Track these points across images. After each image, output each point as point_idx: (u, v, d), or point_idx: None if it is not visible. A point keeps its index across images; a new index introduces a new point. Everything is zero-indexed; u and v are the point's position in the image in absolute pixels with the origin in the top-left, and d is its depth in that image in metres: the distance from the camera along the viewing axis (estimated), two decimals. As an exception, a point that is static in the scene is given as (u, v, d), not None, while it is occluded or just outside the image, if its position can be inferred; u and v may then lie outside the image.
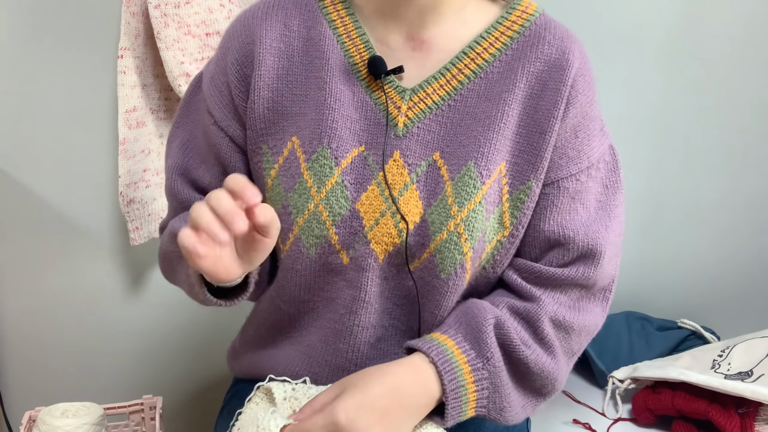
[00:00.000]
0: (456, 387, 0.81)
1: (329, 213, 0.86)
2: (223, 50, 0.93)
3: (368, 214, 0.86)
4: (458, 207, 0.84)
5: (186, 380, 1.60)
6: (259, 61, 0.89)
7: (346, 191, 0.86)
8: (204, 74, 0.97)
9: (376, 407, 0.77)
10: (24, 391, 1.52)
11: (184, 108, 0.99)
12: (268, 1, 0.93)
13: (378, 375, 0.80)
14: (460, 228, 0.84)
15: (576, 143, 0.88)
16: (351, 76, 0.89)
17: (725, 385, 1.12)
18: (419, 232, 0.86)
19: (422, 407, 0.81)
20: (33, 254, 1.46)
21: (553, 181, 0.87)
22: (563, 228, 0.88)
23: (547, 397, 0.91)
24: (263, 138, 0.90)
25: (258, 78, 0.89)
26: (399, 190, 0.86)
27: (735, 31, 1.48)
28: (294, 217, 0.87)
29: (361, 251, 0.86)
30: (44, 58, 1.36)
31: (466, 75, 0.88)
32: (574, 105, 0.87)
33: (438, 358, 0.81)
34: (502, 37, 0.89)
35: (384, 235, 0.86)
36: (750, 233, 1.59)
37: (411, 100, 0.88)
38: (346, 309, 0.89)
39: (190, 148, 0.96)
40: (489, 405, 0.84)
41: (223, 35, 0.95)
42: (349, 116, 0.88)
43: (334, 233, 0.86)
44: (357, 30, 0.90)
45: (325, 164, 0.86)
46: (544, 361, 0.86)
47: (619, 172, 0.93)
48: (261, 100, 0.89)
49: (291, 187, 0.88)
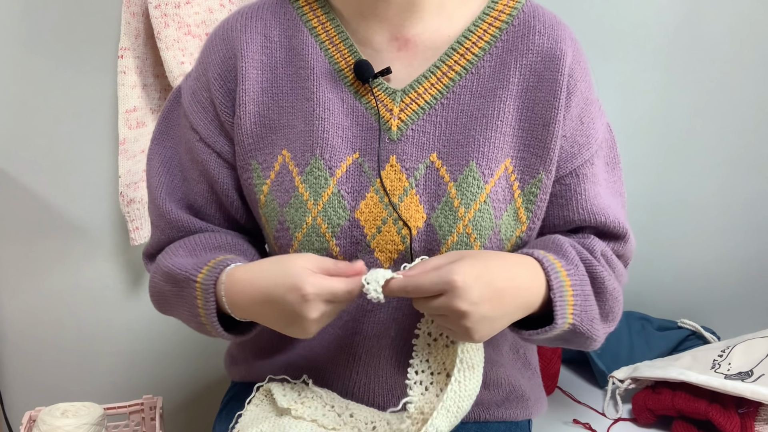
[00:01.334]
0: (560, 286, 0.79)
1: (328, 224, 0.84)
2: (203, 65, 0.91)
3: (369, 222, 0.85)
4: (465, 208, 0.83)
5: (186, 380, 1.60)
6: (243, 75, 0.87)
7: (343, 201, 0.84)
8: (183, 89, 0.94)
9: (493, 285, 0.74)
10: (24, 391, 1.52)
11: (163, 124, 0.96)
12: (245, 11, 0.91)
13: (499, 256, 0.80)
14: (468, 229, 0.83)
15: (583, 129, 0.88)
16: (338, 82, 0.87)
17: (725, 385, 1.12)
18: (425, 237, 0.84)
19: (529, 304, 0.79)
20: (33, 254, 1.46)
21: (570, 170, 0.88)
22: (594, 214, 0.88)
23: (612, 326, 0.89)
24: (252, 154, 0.88)
25: (243, 93, 0.87)
26: (399, 195, 0.85)
27: (735, 31, 1.48)
28: (292, 233, 0.86)
29: (365, 260, 0.84)
30: (44, 58, 1.36)
31: (457, 72, 0.86)
32: (575, 94, 0.86)
33: (542, 258, 0.80)
34: (490, 29, 0.87)
35: (387, 242, 0.85)
36: (750, 233, 1.59)
37: (402, 101, 0.86)
38: (350, 317, 0.89)
39: (173, 165, 0.94)
40: (582, 314, 0.82)
41: (202, 49, 0.92)
42: (340, 124, 0.86)
43: (335, 245, 0.85)
44: (339, 35, 0.88)
45: (320, 175, 0.84)
46: (612, 280, 0.86)
47: (616, 147, 0.95)
48: (247, 115, 0.87)
49: (286, 201, 0.86)
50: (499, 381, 0.96)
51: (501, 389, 0.96)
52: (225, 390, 1.09)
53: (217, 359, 1.51)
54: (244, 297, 0.79)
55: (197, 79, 0.91)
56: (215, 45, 0.90)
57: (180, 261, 0.86)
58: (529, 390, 1.00)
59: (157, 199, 0.92)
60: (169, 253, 0.89)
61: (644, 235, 1.60)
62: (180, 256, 0.87)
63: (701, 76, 1.51)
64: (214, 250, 0.88)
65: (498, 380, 0.96)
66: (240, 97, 0.87)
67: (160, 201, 0.92)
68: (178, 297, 0.86)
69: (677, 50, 1.50)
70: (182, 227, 0.92)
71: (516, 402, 0.97)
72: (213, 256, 0.85)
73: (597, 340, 0.86)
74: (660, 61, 1.50)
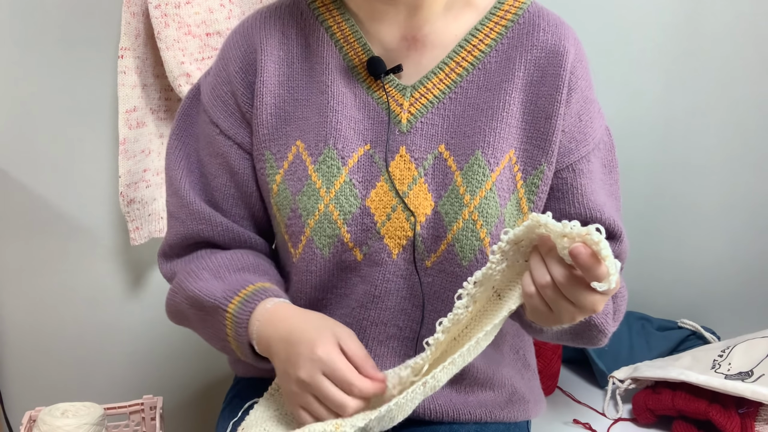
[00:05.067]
0: None
1: (340, 212, 0.87)
2: (224, 61, 0.94)
3: (379, 210, 0.87)
4: (470, 195, 0.86)
5: (186, 380, 1.60)
6: (262, 68, 0.91)
7: (354, 189, 0.87)
8: (202, 86, 0.97)
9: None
10: (24, 391, 1.52)
11: (183, 119, 0.98)
12: (264, 11, 0.95)
13: None
14: (474, 215, 0.86)
15: (581, 126, 0.90)
16: (351, 78, 0.91)
17: (725, 385, 1.12)
18: (433, 224, 0.87)
19: None
20: (33, 254, 1.46)
21: (567, 165, 0.90)
22: (589, 209, 0.90)
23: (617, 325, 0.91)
24: (266, 144, 0.91)
25: (261, 84, 0.91)
26: (408, 184, 0.88)
27: (735, 30, 1.48)
28: (305, 219, 0.88)
29: (374, 247, 0.88)
30: (44, 58, 1.36)
31: (464, 67, 0.90)
32: (575, 90, 0.89)
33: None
34: (496, 27, 0.90)
35: (397, 229, 0.87)
36: (750, 233, 1.59)
37: (412, 96, 0.89)
38: (357, 303, 0.90)
39: (192, 160, 0.96)
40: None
41: (222, 47, 0.96)
42: (353, 117, 0.89)
43: (346, 231, 0.87)
44: (354, 34, 0.91)
45: (333, 164, 0.87)
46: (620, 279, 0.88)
47: (614, 151, 0.96)
48: (264, 107, 0.91)
49: (299, 190, 0.88)
50: (502, 382, 0.96)
51: (503, 390, 0.97)
52: (225, 390, 1.09)
53: (218, 359, 1.51)
54: (273, 331, 0.81)
55: (217, 75, 0.95)
56: (236, 41, 0.94)
57: (206, 286, 0.87)
58: (528, 392, 1.00)
59: (181, 190, 0.94)
60: (193, 276, 0.90)
61: (644, 235, 1.60)
62: (204, 279, 0.89)
63: (701, 76, 1.51)
64: (239, 272, 0.90)
65: (501, 381, 0.96)
66: (258, 88, 0.91)
67: (184, 192, 0.94)
68: (203, 321, 0.89)
69: (677, 50, 1.50)
70: (204, 218, 0.93)
71: (516, 403, 0.98)
72: (241, 281, 0.87)
73: (607, 336, 0.89)
74: (660, 61, 1.51)
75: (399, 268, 0.88)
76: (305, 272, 0.90)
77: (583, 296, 0.69)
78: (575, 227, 0.67)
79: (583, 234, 0.66)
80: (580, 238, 0.66)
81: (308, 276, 0.90)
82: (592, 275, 0.66)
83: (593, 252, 0.65)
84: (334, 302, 0.92)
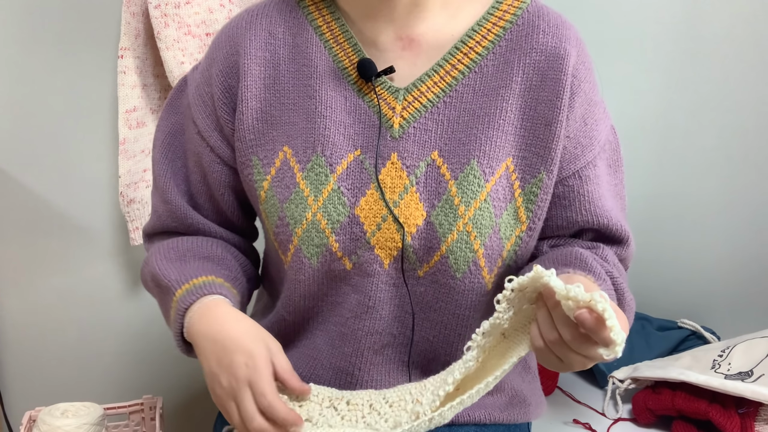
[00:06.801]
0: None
1: (328, 221, 0.85)
2: (209, 61, 0.93)
3: (369, 219, 0.85)
4: (465, 206, 0.83)
5: (186, 380, 1.60)
6: (245, 72, 0.89)
7: (343, 197, 0.85)
8: (189, 80, 0.96)
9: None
10: (24, 391, 1.52)
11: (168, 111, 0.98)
12: (252, 10, 0.92)
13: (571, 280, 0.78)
14: (468, 227, 0.83)
15: (586, 130, 0.88)
16: (341, 80, 0.88)
17: (725, 385, 1.12)
18: (425, 235, 0.84)
19: None
20: (33, 254, 1.46)
21: (573, 172, 0.88)
22: (597, 216, 0.89)
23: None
24: (253, 149, 0.89)
25: (245, 89, 0.88)
26: (399, 193, 0.85)
27: (735, 31, 1.48)
28: (292, 228, 0.86)
29: (365, 257, 0.85)
30: (44, 58, 1.36)
31: (460, 70, 0.86)
32: (578, 94, 0.86)
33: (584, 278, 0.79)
34: (494, 28, 0.87)
35: (387, 240, 0.85)
36: (750, 233, 1.59)
37: (405, 99, 0.86)
38: (351, 313, 0.88)
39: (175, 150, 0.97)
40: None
41: (210, 45, 0.94)
42: (342, 121, 0.86)
43: (334, 240, 0.85)
44: (344, 34, 0.89)
45: (321, 172, 0.85)
46: (629, 291, 0.88)
47: (620, 150, 0.95)
48: (249, 111, 0.89)
49: (286, 197, 0.87)
50: (503, 385, 0.96)
51: (504, 393, 0.96)
52: (225, 390, 1.09)
53: (217, 359, 1.51)
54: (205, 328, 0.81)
55: (202, 73, 0.94)
56: (221, 42, 0.92)
57: (167, 267, 0.88)
58: (529, 394, 1.00)
59: (163, 185, 0.95)
60: (161, 253, 0.91)
61: (644, 235, 1.60)
62: (170, 259, 0.90)
63: (701, 76, 1.51)
64: (201, 260, 0.90)
65: (501, 383, 0.95)
66: (242, 93, 0.89)
67: (166, 187, 0.95)
68: (159, 297, 0.90)
69: (677, 50, 1.50)
70: (179, 218, 0.95)
71: (517, 406, 0.98)
72: (198, 270, 0.87)
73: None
74: (660, 61, 1.50)
75: (391, 277, 0.86)
76: (294, 281, 0.89)
77: (592, 351, 0.68)
78: (579, 293, 0.65)
79: (587, 300, 0.65)
80: (585, 304, 0.65)
81: (297, 285, 0.89)
82: (600, 338, 0.66)
83: (599, 316, 0.65)
84: (326, 311, 0.90)
